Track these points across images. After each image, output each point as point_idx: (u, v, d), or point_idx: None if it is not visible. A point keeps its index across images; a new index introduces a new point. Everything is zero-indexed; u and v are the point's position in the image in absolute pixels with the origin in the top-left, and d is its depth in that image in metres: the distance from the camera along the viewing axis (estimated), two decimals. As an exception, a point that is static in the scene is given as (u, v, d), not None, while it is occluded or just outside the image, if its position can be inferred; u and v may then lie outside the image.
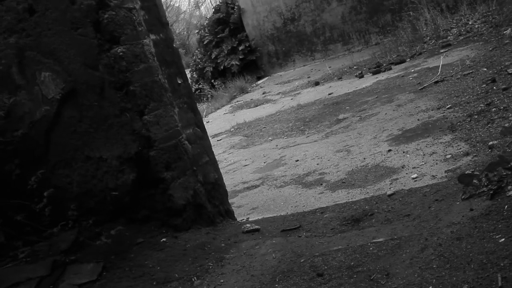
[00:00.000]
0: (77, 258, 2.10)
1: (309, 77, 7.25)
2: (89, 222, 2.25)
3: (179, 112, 2.46)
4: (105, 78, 2.24)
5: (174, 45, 2.56)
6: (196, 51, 10.15)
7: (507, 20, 5.04)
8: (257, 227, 2.37)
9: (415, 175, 2.56)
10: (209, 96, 8.88)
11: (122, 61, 2.23)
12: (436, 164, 2.61)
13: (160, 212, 2.37)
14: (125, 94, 2.27)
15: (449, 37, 6.07)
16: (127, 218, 2.36)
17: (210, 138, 5.56)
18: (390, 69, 5.77)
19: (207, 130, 6.16)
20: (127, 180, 2.32)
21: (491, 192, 1.88)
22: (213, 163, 2.67)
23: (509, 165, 1.92)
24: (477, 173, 2.04)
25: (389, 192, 2.43)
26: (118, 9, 2.21)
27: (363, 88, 5.28)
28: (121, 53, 2.22)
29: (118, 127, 2.29)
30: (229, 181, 3.57)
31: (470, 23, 6.21)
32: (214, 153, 4.66)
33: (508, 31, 4.73)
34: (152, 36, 2.38)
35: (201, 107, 8.36)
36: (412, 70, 5.24)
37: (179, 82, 2.51)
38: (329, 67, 7.31)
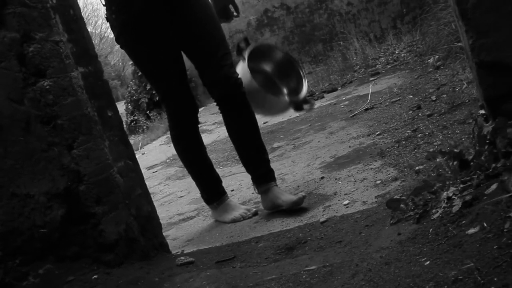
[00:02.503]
0: (2, 300, 2.02)
1: (245, 106, 7.30)
2: (16, 261, 2.17)
3: (110, 145, 2.42)
4: (31, 112, 2.19)
5: (104, 77, 2.54)
6: (131, 82, 10.07)
7: (430, 49, 5.29)
8: (191, 259, 2.34)
9: (347, 202, 2.60)
10: (144, 127, 8.81)
11: (49, 95, 2.19)
12: (367, 190, 2.67)
13: (91, 248, 2.31)
14: (53, 128, 2.22)
15: (377, 66, 6.30)
16: (56, 255, 2.29)
17: (145, 170, 5.50)
18: (323, 97, 5.90)
19: (143, 162, 6.06)
20: (56, 216, 2.26)
21: (417, 216, 1.94)
22: (146, 195, 2.64)
23: (433, 189, 1.99)
24: (404, 197, 2.11)
25: (322, 219, 2.47)
26: (44, 42, 2.18)
27: (297, 116, 5.36)
28: (47, 87, 2.18)
29: (46, 162, 2.23)
30: (165, 213, 3.52)
31: (396, 52, 6.47)
32: (150, 185, 4.60)
33: (431, 60, 4.95)
34: (81, 69, 2.35)
35: (137, 138, 8.27)
36: (344, 98, 5.38)
37: (110, 114, 2.48)
38: (264, 96, 7.39)
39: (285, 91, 3.31)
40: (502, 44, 1.88)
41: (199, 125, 3.02)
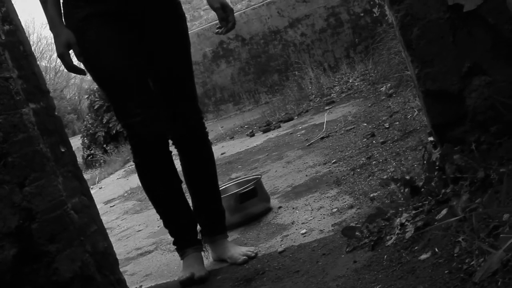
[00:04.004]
0: None
1: (202, 137, 7.31)
2: (-35, 305, 2.09)
3: (64, 181, 2.38)
4: (-20, 151, 2.14)
5: (57, 113, 2.51)
6: (87, 116, 9.98)
7: (382, 78, 5.43)
8: (149, 295, 2.31)
9: (304, 231, 2.62)
10: (101, 161, 8.70)
11: (-1, 132, 2.15)
12: (324, 218, 2.69)
13: (45, 287, 2.25)
14: (3, 166, 2.17)
15: (332, 95, 6.42)
16: (8, 297, 2.22)
17: (103, 204, 5.41)
18: (279, 127, 5.97)
19: (100, 196, 5.97)
20: (8, 256, 2.19)
21: (372, 243, 1.97)
22: (102, 231, 2.59)
23: (387, 216, 2.03)
24: (359, 225, 2.14)
25: (280, 249, 2.47)
26: (-7, 79, 2.15)
27: (254, 146, 5.40)
28: (-3, 124, 2.14)
29: (-4, 200, 2.18)
30: (122, 248, 3.47)
31: (350, 81, 6.62)
32: (107, 220, 4.53)
33: (383, 88, 5.08)
34: (32, 105, 2.32)
35: (94, 173, 8.16)
36: (300, 127, 5.45)
37: (63, 150, 2.45)
38: (221, 127, 7.43)
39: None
40: (446, 73, 1.95)
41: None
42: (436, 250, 1.61)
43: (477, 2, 1.85)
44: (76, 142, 12.48)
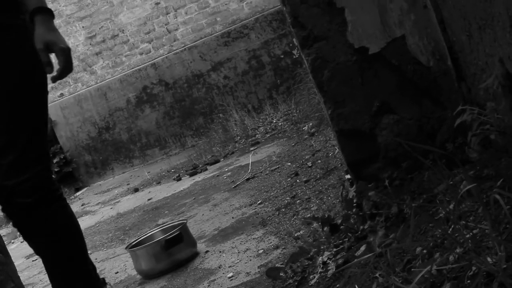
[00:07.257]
0: None
1: (129, 183, 7.19)
2: None
3: (-23, 239, 2.27)
4: None
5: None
6: (7, 166, 9.60)
7: (304, 117, 5.55)
8: None
9: (231, 274, 2.61)
10: (23, 213, 8.36)
11: None
12: (250, 260, 2.69)
13: None
14: None
15: (257, 135, 6.49)
16: None
17: (24, 258, 5.19)
18: (206, 169, 5.95)
19: (22, 251, 5.71)
20: None
21: (296, 283, 1.99)
22: (20, 289, 2.48)
23: (309, 255, 2.05)
24: (283, 265, 2.15)
25: (206, 295, 2.45)
26: None
27: (181, 190, 5.36)
28: None
29: None
30: (45, 304, 3.33)
31: (274, 121, 6.72)
32: (29, 275, 4.35)
33: (305, 128, 5.19)
34: None
35: (15, 226, 7.79)
36: (226, 169, 5.46)
37: (-24, 205, 2.34)
38: (148, 172, 7.33)
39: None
40: (357, 112, 2.02)
41: (82, 206, 2.44)
42: (356, 287, 1.64)
43: (380, 45, 1.95)
44: (-4, 195, 11.92)
